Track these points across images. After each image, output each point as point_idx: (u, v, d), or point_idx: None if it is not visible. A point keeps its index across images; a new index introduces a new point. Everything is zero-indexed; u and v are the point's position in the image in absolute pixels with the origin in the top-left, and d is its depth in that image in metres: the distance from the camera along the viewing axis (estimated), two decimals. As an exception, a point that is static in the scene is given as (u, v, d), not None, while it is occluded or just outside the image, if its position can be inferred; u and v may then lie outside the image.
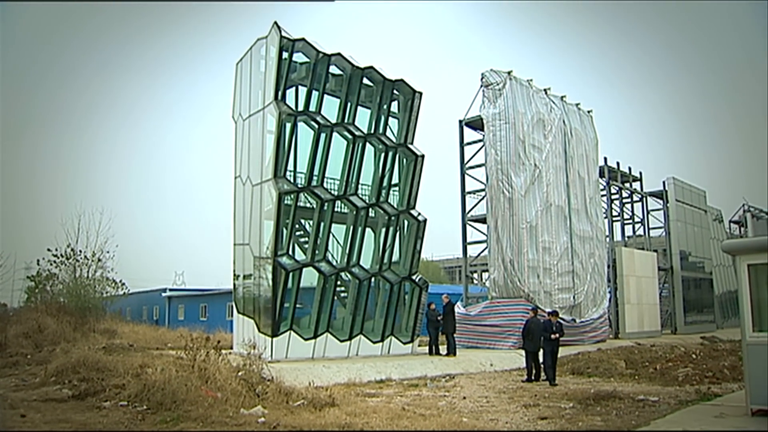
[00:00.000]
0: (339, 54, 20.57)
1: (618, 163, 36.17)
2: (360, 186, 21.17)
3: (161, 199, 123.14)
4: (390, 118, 22.56)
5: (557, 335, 16.04)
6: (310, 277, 19.46)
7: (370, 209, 21.10)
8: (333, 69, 20.83)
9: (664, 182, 39.90)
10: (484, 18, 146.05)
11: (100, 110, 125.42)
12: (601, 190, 32.97)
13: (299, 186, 19.61)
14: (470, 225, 28.32)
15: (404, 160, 22.57)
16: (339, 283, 20.46)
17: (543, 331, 16.08)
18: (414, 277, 21.92)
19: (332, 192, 20.19)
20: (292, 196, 19.15)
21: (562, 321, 19.97)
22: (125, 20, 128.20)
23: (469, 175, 28.44)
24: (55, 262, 30.13)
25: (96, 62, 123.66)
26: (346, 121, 20.70)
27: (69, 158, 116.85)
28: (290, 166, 20.15)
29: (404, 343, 21.50)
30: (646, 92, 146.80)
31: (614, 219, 37.20)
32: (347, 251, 20.30)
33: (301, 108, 19.89)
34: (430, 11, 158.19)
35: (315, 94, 20.05)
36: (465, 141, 28.64)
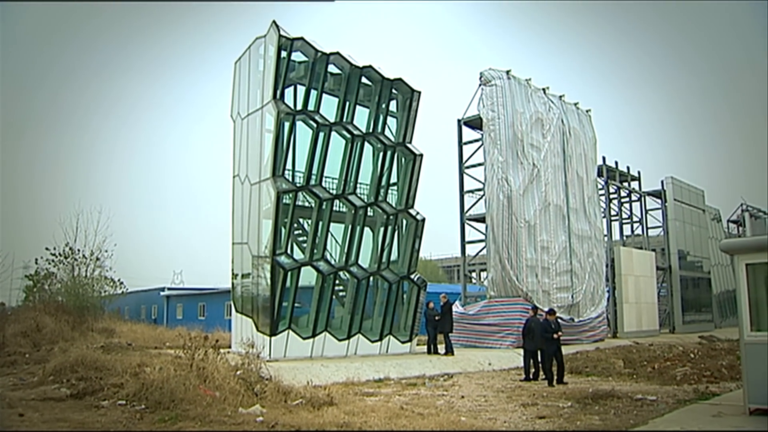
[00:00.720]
0: (337, 53, 20.57)
1: (616, 163, 36.23)
2: (358, 185, 21.18)
3: (161, 198, 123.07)
4: (388, 117, 22.58)
5: (559, 334, 15.94)
6: (308, 276, 19.45)
7: (369, 208, 21.10)
8: (331, 68, 20.82)
9: (662, 181, 39.96)
10: (484, 18, 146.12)
11: (100, 110, 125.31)
12: (600, 189, 33.00)
13: (298, 185, 19.60)
14: (468, 224, 28.32)
15: (403, 159, 22.58)
16: (337, 282, 20.47)
17: (544, 332, 15.88)
18: (412, 276, 21.93)
19: (331, 191, 20.18)
20: (291, 195, 19.15)
21: (560, 319, 19.98)
22: (125, 20, 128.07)
23: (468, 175, 28.46)
24: (53, 261, 30.10)
25: (96, 62, 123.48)
26: (344, 120, 20.69)
27: (69, 158, 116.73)
28: (289, 165, 20.15)
29: (402, 343, 21.51)
30: (645, 92, 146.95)
31: (613, 218, 37.26)
32: (346, 250, 20.30)
33: (299, 107, 19.89)
34: (430, 11, 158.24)
35: (313, 93, 20.04)
36: (464, 140, 28.64)
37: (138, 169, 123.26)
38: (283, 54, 19.44)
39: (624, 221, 39.25)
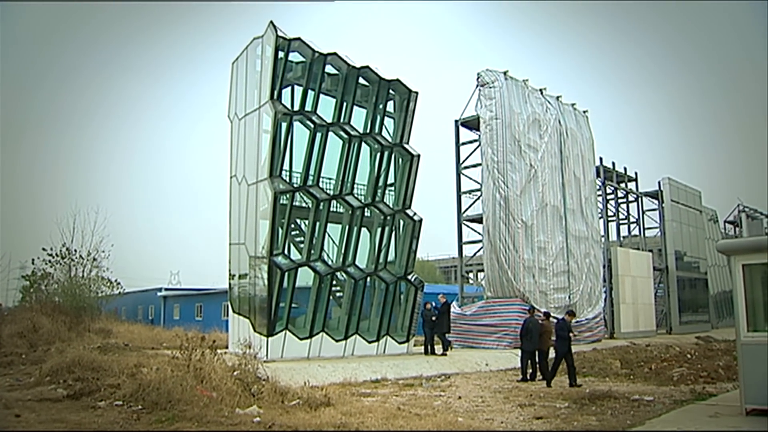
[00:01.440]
0: (335, 53, 20.56)
1: (613, 164, 36.30)
2: (355, 186, 21.19)
3: (159, 198, 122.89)
4: (386, 118, 22.59)
5: (574, 334, 15.97)
6: (305, 277, 19.43)
7: (366, 209, 21.09)
8: (329, 68, 20.82)
9: (659, 182, 40.00)
10: (483, 18, 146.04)
11: (100, 110, 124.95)
12: (597, 190, 33.05)
13: (295, 185, 19.59)
14: (466, 225, 28.33)
15: (400, 160, 22.58)
16: (334, 282, 20.46)
17: (560, 330, 15.70)
18: (410, 277, 21.92)
19: (328, 191, 20.17)
20: (288, 195, 19.14)
21: (556, 319, 19.98)
22: (125, 20, 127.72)
23: (465, 175, 28.49)
24: (50, 261, 30.02)
25: (96, 62, 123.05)
26: (341, 120, 20.68)
27: (69, 158, 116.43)
28: (286, 166, 20.16)
29: (400, 343, 21.50)
30: (645, 91, 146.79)
31: (610, 219, 37.32)
32: (343, 251, 20.29)
33: (296, 107, 19.89)
34: (429, 11, 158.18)
35: (311, 93, 20.03)
36: (461, 141, 28.69)
37: (137, 169, 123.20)
38: (281, 54, 19.43)
39: (621, 222, 39.33)
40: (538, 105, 28.09)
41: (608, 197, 36.84)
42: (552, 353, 16.36)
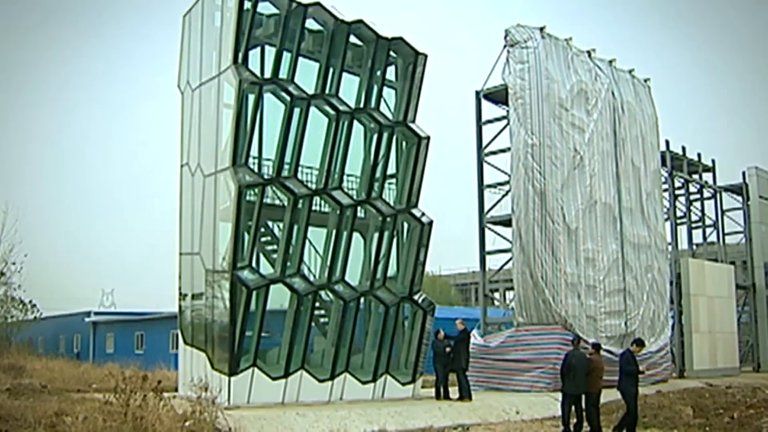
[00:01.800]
0: (318, 3, 20.52)
1: (684, 148, 36.32)
2: (346, 178, 21.22)
3: (86, 195, 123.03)
4: (385, 88, 22.60)
5: (642, 371, 16.20)
6: (279, 297, 19.49)
7: (359, 208, 21.14)
8: (310, 23, 20.84)
9: (744, 173, 40.05)
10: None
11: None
12: (662, 183, 33.08)
13: (266, 177, 19.63)
14: (489, 228, 28.37)
15: (403, 144, 22.63)
16: (318, 304, 20.51)
17: (626, 364, 15.82)
18: (416, 297, 21.95)
19: (309, 185, 20.23)
20: (257, 190, 19.16)
21: (608, 353, 20.04)
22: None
23: (489, 163, 28.54)
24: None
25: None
26: (327, 91, 20.73)
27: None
28: (254, 152, 20.20)
29: (403, 384, 21.54)
30: (723, 53, 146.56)
31: (679, 221, 37.33)
32: (329, 263, 20.32)
33: (268, 74, 19.93)
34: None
35: (286, 55, 20.05)
36: (484, 118, 28.75)
37: (61, 156, 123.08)
38: (247, 5, 19.44)
39: (694, 225, 39.29)
40: (584, 72, 28.14)
41: (677, 193, 36.88)
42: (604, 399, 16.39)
